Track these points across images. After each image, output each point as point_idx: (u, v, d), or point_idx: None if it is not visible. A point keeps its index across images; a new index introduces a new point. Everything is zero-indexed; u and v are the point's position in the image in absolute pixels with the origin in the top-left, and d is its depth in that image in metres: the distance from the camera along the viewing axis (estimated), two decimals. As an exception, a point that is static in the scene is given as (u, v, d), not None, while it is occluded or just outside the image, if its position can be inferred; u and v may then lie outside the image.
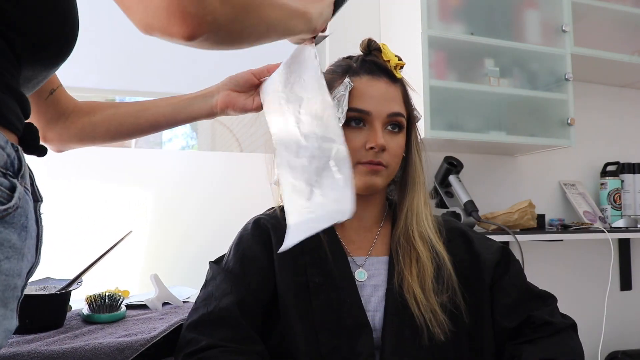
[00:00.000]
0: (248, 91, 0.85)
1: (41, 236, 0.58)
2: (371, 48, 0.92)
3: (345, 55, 0.97)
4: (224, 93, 0.84)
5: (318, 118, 0.72)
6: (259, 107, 0.84)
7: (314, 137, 0.72)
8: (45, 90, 0.77)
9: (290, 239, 0.71)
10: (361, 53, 0.94)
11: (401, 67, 0.91)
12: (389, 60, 0.90)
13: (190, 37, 0.50)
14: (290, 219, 0.74)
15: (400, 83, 0.92)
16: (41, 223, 0.59)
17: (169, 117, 0.84)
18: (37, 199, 0.59)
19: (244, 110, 0.84)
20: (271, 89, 0.84)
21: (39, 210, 0.59)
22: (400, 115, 0.90)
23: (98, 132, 0.83)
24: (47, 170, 1.34)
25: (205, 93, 0.86)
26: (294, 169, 0.76)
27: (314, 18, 0.71)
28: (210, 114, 0.85)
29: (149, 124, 0.84)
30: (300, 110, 0.75)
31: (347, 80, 0.87)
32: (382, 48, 0.91)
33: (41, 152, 0.59)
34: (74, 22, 0.60)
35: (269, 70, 0.85)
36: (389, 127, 0.89)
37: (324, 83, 0.72)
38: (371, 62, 0.91)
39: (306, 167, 0.73)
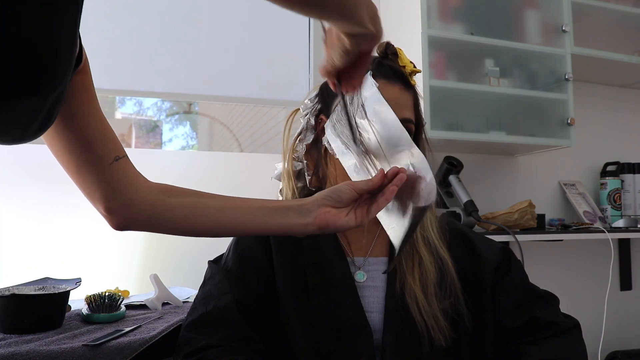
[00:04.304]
0: (349, 206, 0.76)
1: None
2: (388, 52, 0.92)
3: None
4: (324, 210, 0.74)
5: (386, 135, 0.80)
6: (364, 220, 0.76)
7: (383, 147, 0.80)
8: (108, 156, 0.68)
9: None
10: (377, 55, 0.93)
11: (415, 74, 0.91)
12: (404, 66, 0.90)
13: None
14: (392, 237, 0.79)
15: (412, 90, 0.92)
16: None
17: (260, 221, 0.74)
18: None
19: (347, 228, 0.75)
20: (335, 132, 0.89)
21: None
22: (411, 121, 0.90)
23: (175, 216, 0.73)
24: (47, 169, 1.34)
25: (299, 206, 0.75)
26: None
27: (379, 19, 0.65)
28: (304, 231, 0.75)
29: (235, 222, 0.74)
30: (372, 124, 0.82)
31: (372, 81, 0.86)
32: (398, 53, 0.90)
33: None
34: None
35: (373, 186, 0.76)
36: None
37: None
38: (388, 66, 0.90)
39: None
